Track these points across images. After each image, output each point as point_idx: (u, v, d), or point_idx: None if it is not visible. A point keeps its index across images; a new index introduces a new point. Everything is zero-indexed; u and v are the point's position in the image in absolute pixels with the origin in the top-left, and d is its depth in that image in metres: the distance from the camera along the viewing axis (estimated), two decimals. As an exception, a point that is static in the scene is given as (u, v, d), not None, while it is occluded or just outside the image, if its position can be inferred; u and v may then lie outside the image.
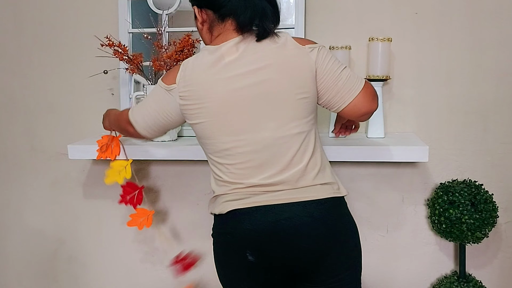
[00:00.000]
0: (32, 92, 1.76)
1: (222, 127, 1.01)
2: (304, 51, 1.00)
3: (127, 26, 1.61)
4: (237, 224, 1.03)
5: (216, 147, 1.04)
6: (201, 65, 1.02)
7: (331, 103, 1.05)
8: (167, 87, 1.05)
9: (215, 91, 1.00)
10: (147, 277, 1.81)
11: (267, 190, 1.01)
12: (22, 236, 1.87)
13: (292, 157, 1.01)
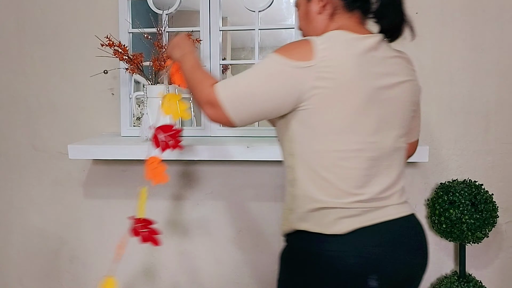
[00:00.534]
0: (33, 92, 1.76)
1: (352, 125, 0.88)
2: (416, 77, 1.01)
3: (127, 26, 1.61)
4: (362, 245, 0.88)
5: (343, 146, 0.88)
6: (349, 49, 0.88)
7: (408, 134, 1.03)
8: (300, 64, 0.85)
9: (361, 82, 0.87)
10: (147, 276, 1.81)
11: (383, 205, 0.92)
12: (24, 235, 1.87)
13: (400, 170, 0.97)
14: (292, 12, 1.54)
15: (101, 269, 1.84)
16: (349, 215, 0.89)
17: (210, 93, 0.90)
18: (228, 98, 0.89)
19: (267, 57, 0.89)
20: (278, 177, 1.66)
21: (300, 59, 0.86)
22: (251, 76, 0.89)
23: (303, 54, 0.86)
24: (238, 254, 1.73)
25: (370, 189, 0.90)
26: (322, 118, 0.88)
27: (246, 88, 0.89)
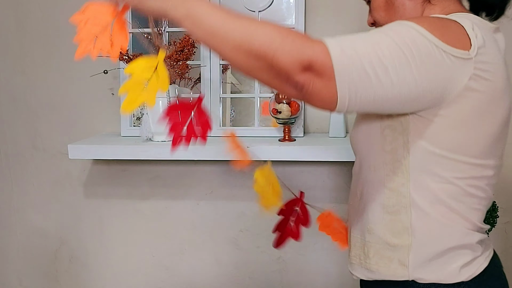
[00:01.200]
0: (33, 92, 1.76)
1: (493, 146, 0.70)
2: None
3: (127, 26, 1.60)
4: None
5: (476, 172, 0.71)
6: (494, 45, 0.67)
7: None
8: (458, 52, 0.61)
9: (507, 90, 0.68)
10: (147, 276, 1.81)
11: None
12: (23, 235, 1.87)
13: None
14: (292, 12, 1.54)
15: (101, 269, 1.84)
16: (476, 255, 0.73)
17: (320, 52, 0.59)
18: (349, 66, 0.58)
19: (408, 26, 0.61)
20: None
21: (457, 46, 0.61)
22: (387, 44, 0.59)
23: (460, 40, 0.62)
24: (238, 254, 1.73)
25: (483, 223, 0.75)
26: (463, 134, 0.66)
27: (377, 58, 0.58)
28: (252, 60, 0.57)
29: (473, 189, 0.71)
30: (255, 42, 0.56)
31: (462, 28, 0.63)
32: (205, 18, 0.59)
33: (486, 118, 0.66)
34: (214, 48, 0.61)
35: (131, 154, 1.46)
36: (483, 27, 0.67)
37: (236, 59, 0.59)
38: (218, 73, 1.58)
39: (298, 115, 1.47)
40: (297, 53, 0.56)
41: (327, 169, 1.62)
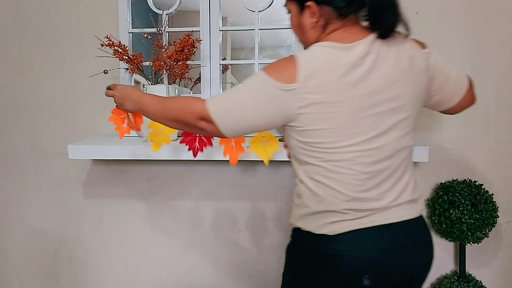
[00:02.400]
0: (33, 92, 1.76)
1: (351, 134, 0.91)
2: (424, 57, 0.97)
3: (127, 26, 1.61)
4: (358, 246, 0.92)
5: (336, 156, 0.92)
6: (336, 69, 0.88)
7: (440, 103, 1.05)
8: (284, 86, 0.88)
9: (350, 99, 0.89)
10: (147, 276, 1.81)
11: (383, 207, 0.94)
12: (23, 235, 1.87)
13: (405, 170, 0.97)
14: (292, 12, 1.54)
15: (100, 269, 1.84)
16: (346, 218, 0.93)
17: (203, 109, 0.94)
18: (219, 113, 0.93)
19: (256, 74, 0.92)
20: (278, 177, 1.66)
21: (285, 81, 0.88)
22: (240, 92, 0.93)
23: (287, 76, 0.88)
24: (238, 254, 1.73)
25: (369, 193, 0.93)
26: (315, 133, 0.91)
27: (234, 104, 0.92)
28: (176, 122, 1.01)
29: (336, 167, 0.92)
30: (171, 114, 1.00)
31: (295, 64, 0.89)
32: (147, 108, 1.07)
33: (323, 120, 0.90)
34: (156, 120, 1.05)
35: (130, 154, 1.46)
36: (329, 53, 0.89)
37: (169, 124, 1.03)
38: (218, 73, 1.58)
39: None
40: (192, 115, 0.96)
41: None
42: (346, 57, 0.89)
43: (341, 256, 0.92)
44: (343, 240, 0.93)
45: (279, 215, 1.69)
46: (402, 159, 0.96)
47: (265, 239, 1.71)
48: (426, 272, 1.00)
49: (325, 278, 0.94)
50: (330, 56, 0.89)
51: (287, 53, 1.62)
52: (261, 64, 1.59)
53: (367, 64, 0.90)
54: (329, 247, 0.94)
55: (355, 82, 0.89)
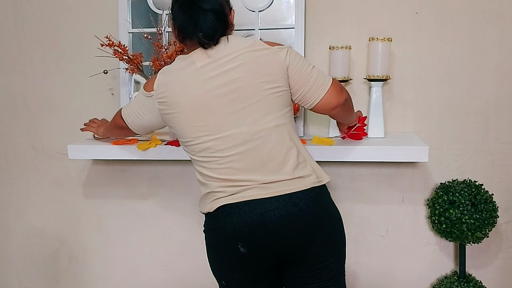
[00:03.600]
0: (33, 92, 1.76)
1: (200, 127, 1.07)
2: (272, 50, 1.08)
3: (127, 26, 1.61)
4: (227, 218, 1.06)
5: (197, 147, 1.09)
6: (175, 71, 1.10)
7: (304, 99, 1.13)
8: (147, 94, 1.14)
9: (189, 94, 1.07)
10: (147, 277, 1.81)
11: (252, 186, 1.06)
12: (23, 235, 1.87)
13: (271, 150, 1.06)
14: (292, 12, 1.54)
15: (100, 269, 1.83)
16: (219, 196, 1.08)
17: (120, 113, 1.27)
18: (126, 116, 1.24)
19: (140, 89, 1.22)
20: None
21: (148, 90, 1.14)
22: (134, 102, 1.22)
23: (150, 86, 1.13)
24: (238, 254, 1.73)
25: (237, 175, 1.06)
26: (175, 130, 1.13)
27: (131, 109, 1.22)
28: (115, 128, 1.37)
29: (199, 157, 1.11)
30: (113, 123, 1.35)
31: (156, 76, 1.13)
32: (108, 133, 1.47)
33: (175, 118, 1.10)
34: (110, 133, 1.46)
35: (130, 154, 1.46)
36: (178, 66, 1.11)
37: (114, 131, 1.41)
38: (218, 73, 1.58)
39: (298, 115, 1.47)
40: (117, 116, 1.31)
41: (327, 169, 1.62)
42: (182, 64, 1.10)
43: (217, 228, 1.08)
44: (217, 215, 1.08)
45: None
46: (266, 140, 1.06)
47: (265, 239, 1.71)
48: (316, 242, 1.07)
49: (215, 248, 1.12)
50: (174, 64, 1.13)
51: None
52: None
53: (200, 64, 1.07)
54: (210, 222, 1.12)
55: (193, 82, 1.07)
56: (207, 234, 1.14)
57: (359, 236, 1.65)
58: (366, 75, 1.49)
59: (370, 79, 1.46)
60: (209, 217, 1.12)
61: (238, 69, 1.05)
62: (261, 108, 1.06)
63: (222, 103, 1.06)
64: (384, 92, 1.53)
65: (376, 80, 1.45)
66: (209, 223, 1.13)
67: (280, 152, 1.07)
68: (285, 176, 1.06)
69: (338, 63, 1.47)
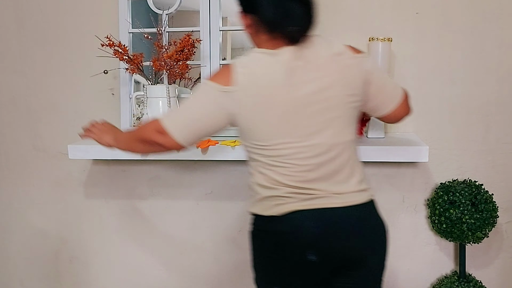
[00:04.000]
0: (33, 92, 1.76)
1: (284, 133, 1.01)
2: (359, 60, 1.05)
3: (127, 26, 1.61)
4: (301, 224, 1.02)
5: (274, 152, 1.02)
6: (262, 67, 1.00)
7: (375, 109, 1.12)
8: (224, 89, 0.99)
9: (279, 96, 0.99)
10: (147, 276, 1.81)
11: (323, 195, 1.03)
12: (24, 235, 1.87)
13: (343, 162, 1.04)
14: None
15: (101, 269, 1.84)
16: (289, 201, 1.03)
17: (157, 124, 1.05)
18: (172, 124, 1.04)
19: (202, 83, 1.04)
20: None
21: (225, 85, 0.99)
22: (188, 104, 1.06)
23: (226, 80, 0.99)
24: (238, 254, 1.73)
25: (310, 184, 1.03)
26: (253, 132, 1.03)
27: (186, 113, 1.05)
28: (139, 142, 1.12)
29: (272, 161, 1.03)
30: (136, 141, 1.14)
31: (230, 70, 1.00)
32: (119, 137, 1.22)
33: (259, 120, 1.00)
34: (125, 147, 1.20)
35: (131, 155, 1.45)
36: (264, 61, 1.00)
37: (135, 147, 1.16)
38: (218, 73, 1.58)
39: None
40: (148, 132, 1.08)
41: (327, 169, 1.62)
42: (270, 61, 1.00)
43: (284, 233, 1.03)
44: (286, 219, 1.02)
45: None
46: (341, 153, 1.04)
47: (265, 239, 1.71)
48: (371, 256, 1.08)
49: (273, 253, 1.05)
50: (259, 61, 1.01)
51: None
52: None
53: (290, 65, 0.99)
54: (271, 225, 1.05)
55: (284, 84, 0.98)
56: (263, 237, 1.08)
57: (359, 236, 1.65)
58: (366, 75, 1.49)
59: (370, 79, 1.46)
60: (271, 221, 1.05)
61: (328, 77, 1.01)
62: (343, 121, 1.04)
63: (311, 112, 1.00)
64: (384, 92, 1.53)
65: (376, 80, 1.45)
66: (270, 226, 1.06)
67: (349, 165, 1.06)
68: (352, 188, 1.05)
69: (338, 63, 1.47)
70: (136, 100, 1.59)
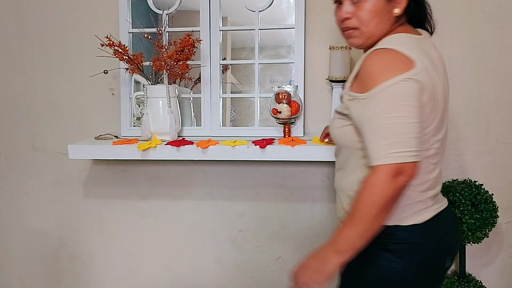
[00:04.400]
0: (33, 92, 1.76)
1: (438, 126, 0.94)
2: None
3: (127, 26, 1.61)
4: (439, 230, 0.96)
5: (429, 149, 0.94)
6: (423, 55, 0.90)
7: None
8: (412, 74, 0.84)
9: (439, 87, 0.93)
10: (147, 276, 1.81)
11: (438, 194, 1.00)
12: (24, 235, 1.87)
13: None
14: (292, 12, 1.54)
15: (101, 268, 1.84)
16: (426, 206, 0.95)
17: (387, 170, 0.81)
18: (407, 149, 0.82)
19: (387, 88, 0.83)
20: (278, 177, 1.66)
21: (409, 70, 0.84)
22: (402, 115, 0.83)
23: (408, 66, 0.85)
24: (238, 254, 1.73)
25: (433, 182, 0.97)
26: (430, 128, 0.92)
27: (411, 129, 0.82)
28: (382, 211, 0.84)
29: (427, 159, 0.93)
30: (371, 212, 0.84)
31: (399, 54, 0.87)
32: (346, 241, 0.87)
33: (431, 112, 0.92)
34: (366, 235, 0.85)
35: (131, 154, 1.46)
36: (412, 43, 0.91)
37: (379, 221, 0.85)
38: (218, 73, 1.58)
39: (298, 115, 1.47)
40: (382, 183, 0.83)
41: (327, 169, 1.62)
42: (425, 47, 0.93)
43: (430, 242, 0.93)
44: (428, 226, 0.93)
45: (279, 215, 1.68)
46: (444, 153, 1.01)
47: (265, 239, 1.71)
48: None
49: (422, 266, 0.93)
50: (416, 44, 0.92)
51: (287, 53, 1.62)
52: (261, 64, 1.59)
53: (433, 53, 0.95)
54: (420, 235, 0.92)
55: (437, 74, 0.92)
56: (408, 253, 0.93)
57: (359, 236, 1.65)
58: (366, 75, 1.49)
59: (370, 79, 1.46)
60: (413, 231, 0.93)
61: (445, 73, 1.00)
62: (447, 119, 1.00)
63: (445, 106, 0.96)
64: (384, 92, 1.53)
65: (376, 80, 1.45)
66: (416, 238, 0.93)
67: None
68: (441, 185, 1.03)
69: (338, 63, 1.47)
70: (136, 100, 1.59)
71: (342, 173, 1.04)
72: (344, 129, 0.97)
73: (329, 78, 1.50)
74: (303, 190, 1.65)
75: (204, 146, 1.41)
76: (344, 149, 1.01)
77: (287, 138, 1.46)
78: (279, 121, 1.46)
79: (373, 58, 0.89)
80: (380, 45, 0.91)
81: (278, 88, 1.44)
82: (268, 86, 1.61)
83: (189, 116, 1.66)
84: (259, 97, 1.58)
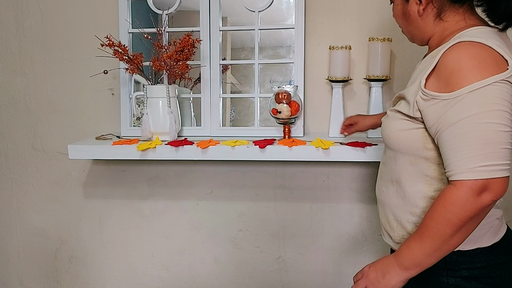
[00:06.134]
0: (33, 92, 1.76)
1: None
2: None
3: (127, 26, 1.61)
4: None
5: None
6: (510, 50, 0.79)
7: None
8: (510, 77, 0.73)
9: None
10: (147, 276, 1.81)
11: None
12: (24, 235, 1.87)
13: None
14: (292, 12, 1.54)
15: (100, 268, 1.84)
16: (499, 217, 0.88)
17: (470, 186, 0.72)
18: (497, 162, 0.71)
19: (479, 89, 0.71)
20: (278, 177, 1.66)
21: (503, 70, 0.72)
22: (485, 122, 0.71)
23: (500, 63, 0.73)
24: (238, 254, 1.73)
25: None
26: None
27: (497, 135, 0.71)
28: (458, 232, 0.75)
29: None
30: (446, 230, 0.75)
31: (490, 51, 0.74)
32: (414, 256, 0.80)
33: None
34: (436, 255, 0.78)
35: (131, 154, 1.46)
36: (495, 37, 0.77)
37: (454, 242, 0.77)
38: (218, 73, 1.58)
39: (298, 115, 1.48)
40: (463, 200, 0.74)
41: (327, 169, 1.62)
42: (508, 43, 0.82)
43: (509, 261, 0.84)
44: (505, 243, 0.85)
45: (279, 215, 1.69)
46: None
47: (265, 239, 1.71)
48: None
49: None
50: (499, 39, 0.79)
51: (287, 53, 1.62)
52: (261, 64, 1.59)
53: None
54: (498, 257, 0.83)
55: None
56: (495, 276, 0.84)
57: (359, 236, 1.65)
58: (366, 75, 1.50)
59: (370, 79, 1.46)
60: (495, 249, 0.84)
61: None
62: None
63: None
64: (384, 92, 1.53)
65: (376, 80, 1.45)
66: (498, 258, 0.84)
67: None
68: None
69: (338, 63, 1.47)
70: (136, 100, 1.59)
71: (392, 185, 0.92)
72: (410, 133, 0.84)
73: (329, 78, 1.50)
74: (303, 190, 1.65)
75: (204, 146, 1.41)
76: (403, 156, 0.88)
77: (288, 139, 1.46)
78: (279, 121, 1.46)
79: (460, 51, 0.75)
80: (463, 38, 0.77)
81: (278, 88, 1.45)
82: (268, 86, 1.62)
83: (189, 116, 1.66)
84: (259, 97, 1.59)
